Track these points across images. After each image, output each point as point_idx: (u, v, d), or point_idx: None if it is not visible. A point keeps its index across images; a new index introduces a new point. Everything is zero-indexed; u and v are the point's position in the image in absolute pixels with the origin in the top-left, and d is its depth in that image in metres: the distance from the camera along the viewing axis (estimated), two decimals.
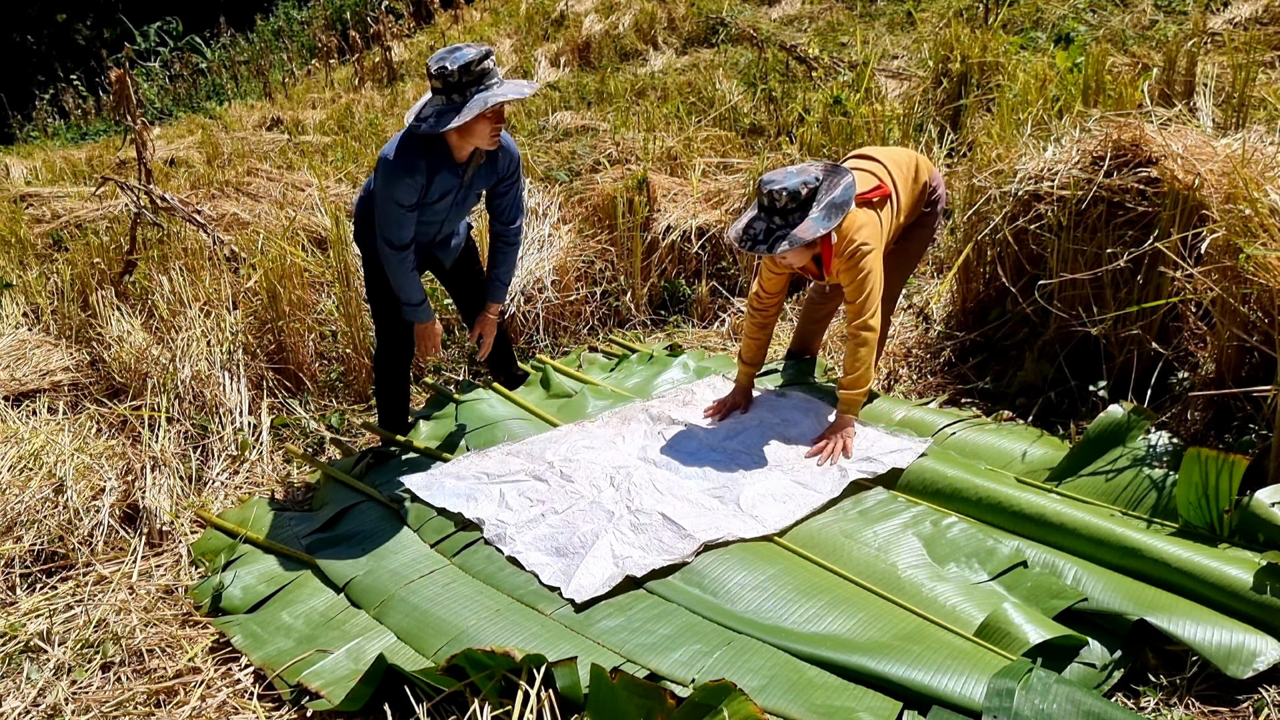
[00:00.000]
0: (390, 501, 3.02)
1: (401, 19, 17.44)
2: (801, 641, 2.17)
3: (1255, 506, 2.34)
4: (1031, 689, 1.90)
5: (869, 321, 2.94)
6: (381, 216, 2.97)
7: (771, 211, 2.85)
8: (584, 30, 11.88)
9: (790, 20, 10.19)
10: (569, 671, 2.04)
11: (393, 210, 2.93)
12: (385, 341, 3.39)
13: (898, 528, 2.60)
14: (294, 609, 2.57)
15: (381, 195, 2.93)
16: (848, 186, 2.88)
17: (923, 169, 3.24)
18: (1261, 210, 2.68)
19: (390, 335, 3.37)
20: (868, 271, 2.91)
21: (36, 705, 2.29)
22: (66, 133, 15.37)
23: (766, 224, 2.86)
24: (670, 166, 5.53)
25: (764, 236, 2.85)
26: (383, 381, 3.47)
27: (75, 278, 4.69)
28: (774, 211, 2.84)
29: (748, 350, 3.32)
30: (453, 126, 2.79)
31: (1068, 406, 3.21)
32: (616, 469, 2.99)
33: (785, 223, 2.83)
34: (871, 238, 2.93)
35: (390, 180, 2.89)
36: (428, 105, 2.89)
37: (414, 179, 2.90)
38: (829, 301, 3.57)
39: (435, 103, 2.86)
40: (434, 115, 2.84)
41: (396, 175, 2.88)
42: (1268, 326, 2.64)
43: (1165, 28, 6.90)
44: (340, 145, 8.20)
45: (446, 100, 2.83)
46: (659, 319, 4.77)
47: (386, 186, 2.90)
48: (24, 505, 2.95)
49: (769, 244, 2.83)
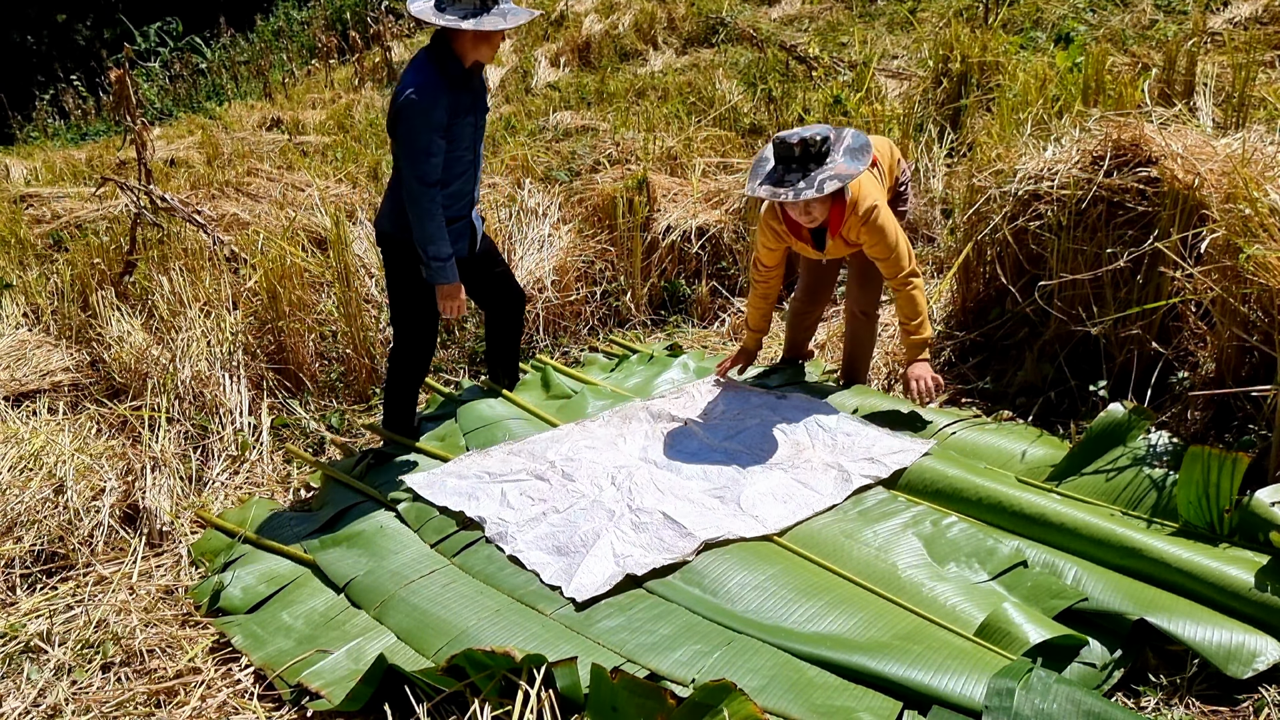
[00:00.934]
0: (390, 501, 3.02)
1: (401, 19, 17.43)
2: (801, 641, 2.17)
3: (1255, 506, 2.34)
4: (1031, 689, 1.89)
5: (909, 272, 3.07)
6: (412, 151, 2.98)
7: (805, 159, 2.89)
8: (584, 30, 11.89)
9: (790, 20, 10.19)
10: (569, 671, 2.04)
11: (425, 138, 2.96)
12: (406, 344, 3.38)
13: (898, 527, 2.60)
14: (294, 609, 2.57)
15: (412, 126, 2.96)
16: (858, 134, 3.00)
17: (895, 155, 3.38)
18: (1261, 210, 2.68)
19: (412, 337, 3.36)
20: (887, 227, 3.03)
21: (37, 705, 2.29)
22: (66, 133, 15.37)
23: (800, 171, 2.90)
24: (670, 166, 5.53)
25: (797, 181, 2.89)
26: (397, 383, 3.45)
27: (75, 278, 4.69)
28: (806, 158, 2.89)
29: (753, 318, 3.49)
30: (504, 27, 2.96)
31: (1068, 406, 3.21)
32: (618, 468, 2.99)
33: (813, 169, 2.89)
34: (878, 197, 3.06)
35: (423, 101, 2.93)
36: (449, 8, 2.96)
37: (440, 96, 2.96)
38: (814, 306, 3.63)
39: (459, 6, 2.95)
40: (463, 14, 2.94)
41: (428, 92, 2.94)
42: (1268, 326, 2.64)
43: (1165, 27, 6.90)
44: (340, 145, 8.21)
45: (473, 5, 2.95)
46: (659, 319, 4.77)
47: (418, 114, 2.94)
48: (24, 505, 2.95)
49: (813, 187, 2.85)
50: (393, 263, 3.26)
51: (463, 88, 3.05)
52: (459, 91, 3.04)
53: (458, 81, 3.04)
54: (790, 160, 2.91)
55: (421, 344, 3.39)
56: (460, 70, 3.04)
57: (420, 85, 2.95)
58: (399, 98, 2.97)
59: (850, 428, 3.11)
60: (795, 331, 3.73)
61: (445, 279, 3.15)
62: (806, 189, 2.86)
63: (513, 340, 3.74)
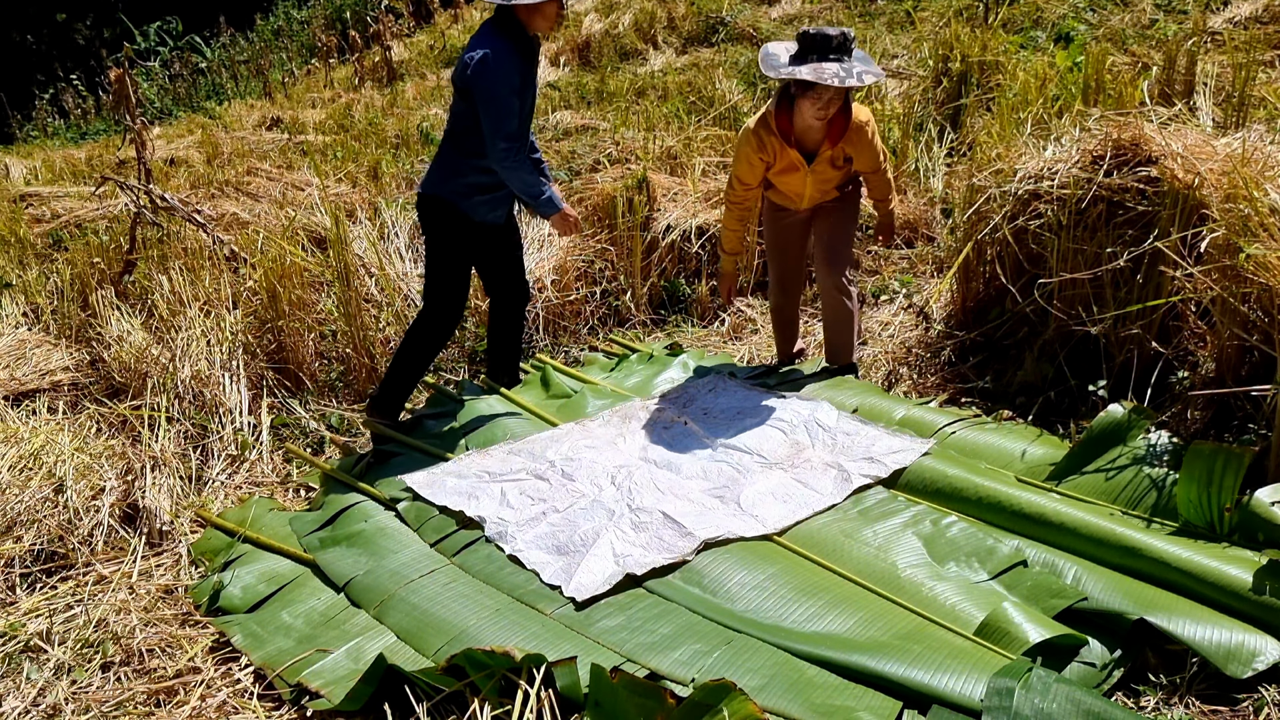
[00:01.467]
0: (390, 501, 3.02)
1: (401, 18, 17.43)
2: (801, 641, 2.17)
3: (1255, 506, 2.34)
4: (1031, 688, 1.89)
5: (893, 190, 3.51)
6: (495, 109, 3.08)
7: (842, 49, 3.05)
8: (584, 29, 11.88)
9: (790, 20, 10.19)
10: (569, 671, 2.04)
11: (505, 100, 3.08)
12: (433, 314, 3.42)
13: (897, 527, 2.60)
14: (294, 608, 2.57)
15: (493, 84, 3.06)
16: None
17: None
18: (1261, 209, 2.68)
19: (441, 308, 3.41)
20: (877, 142, 3.32)
21: (36, 705, 2.29)
22: (66, 132, 15.37)
23: (838, 60, 3.05)
24: (670, 166, 5.53)
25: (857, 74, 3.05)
26: (407, 356, 3.46)
27: (75, 277, 4.69)
28: (843, 49, 3.06)
29: (728, 241, 3.65)
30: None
31: (1068, 406, 3.21)
32: (618, 468, 2.99)
33: (847, 61, 3.06)
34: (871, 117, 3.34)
35: (499, 64, 3.06)
36: None
37: (514, 59, 3.10)
38: (789, 298, 3.75)
39: None
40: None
41: (504, 56, 3.07)
42: (1268, 325, 2.64)
43: (1165, 27, 6.89)
44: (340, 145, 8.20)
45: None
46: (659, 319, 4.76)
47: (497, 74, 3.05)
48: (24, 505, 2.95)
49: (852, 76, 3.02)
50: (434, 228, 3.34)
51: (529, 59, 3.17)
52: (528, 61, 3.17)
53: (526, 51, 3.16)
54: (828, 50, 3.03)
55: (448, 316, 3.43)
56: (526, 40, 3.16)
57: (495, 49, 3.08)
58: (475, 60, 3.06)
59: (850, 427, 3.11)
60: (780, 330, 3.83)
61: (555, 208, 3.30)
62: (856, 76, 3.02)
63: (513, 337, 3.75)
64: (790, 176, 3.37)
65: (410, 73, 13.39)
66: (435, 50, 14.24)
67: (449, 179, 3.28)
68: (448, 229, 3.33)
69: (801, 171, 3.34)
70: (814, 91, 3.07)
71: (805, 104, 3.14)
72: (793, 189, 3.43)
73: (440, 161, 3.34)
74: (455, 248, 3.37)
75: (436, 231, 3.37)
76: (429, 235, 3.41)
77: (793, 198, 3.48)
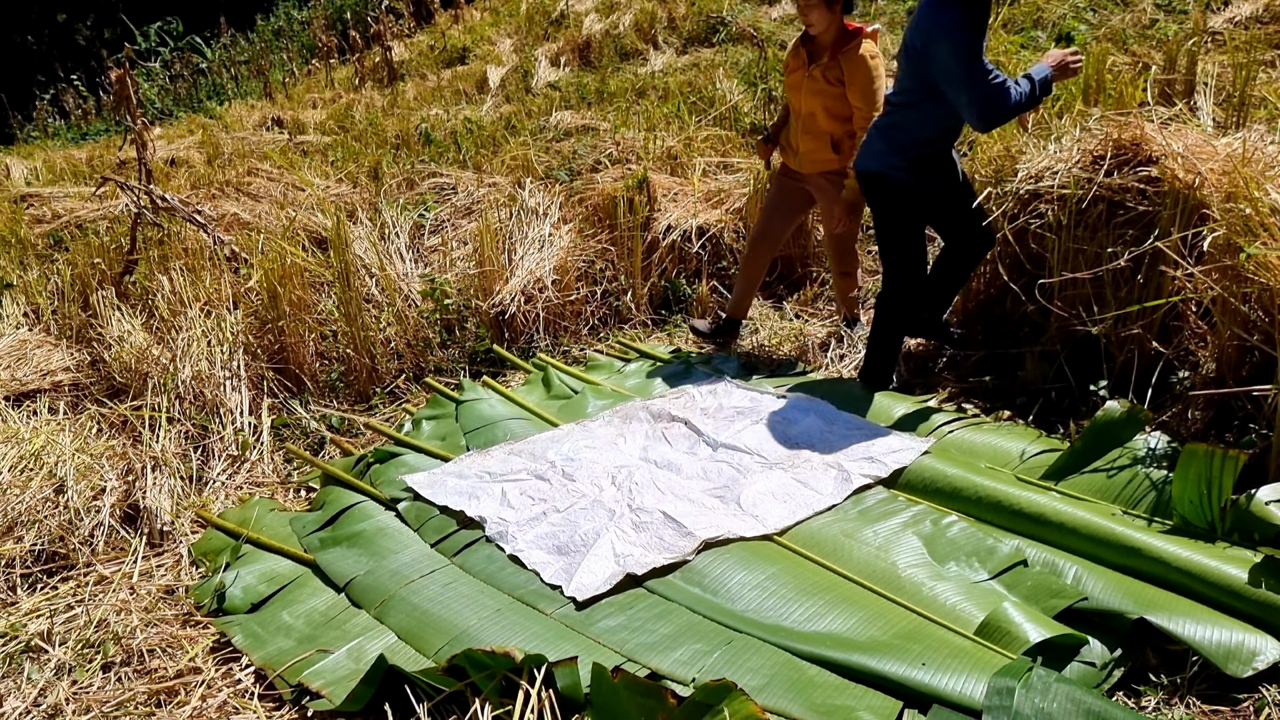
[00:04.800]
0: (390, 501, 3.02)
1: (401, 19, 17.44)
2: (802, 640, 2.17)
3: (1254, 505, 2.34)
4: (1031, 688, 1.89)
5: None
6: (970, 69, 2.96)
7: None
8: (584, 30, 11.89)
9: (791, 19, 10.19)
10: (570, 671, 2.04)
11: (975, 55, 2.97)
12: (897, 287, 3.40)
13: (897, 527, 2.60)
14: (294, 609, 2.57)
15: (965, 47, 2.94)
16: None
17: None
18: (1262, 209, 2.68)
19: (903, 279, 3.39)
20: (877, 75, 3.53)
21: (37, 705, 2.29)
22: (67, 133, 15.38)
23: None
24: (670, 166, 5.53)
25: None
26: (883, 330, 3.47)
27: (76, 278, 4.69)
28: None
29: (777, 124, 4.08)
30: None
31: (1068, 406, 3.21)
32: (618, 468, 2.99)
33: None
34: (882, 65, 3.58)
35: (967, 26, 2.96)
36: None
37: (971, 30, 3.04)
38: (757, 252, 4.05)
39: None
40: None
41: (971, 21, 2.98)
42: (1268, 325, 2.64)
43: (1165, 27, 6.89)
44: (341, 145, 8.21)
45: None
46: (659, 319, 4.76)
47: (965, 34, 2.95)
48: (25, 505, 2.95)
49: None
50: (881, 205, 3.33)
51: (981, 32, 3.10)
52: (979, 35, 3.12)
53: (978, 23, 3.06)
54: None
55: (912, 285, 3.40)
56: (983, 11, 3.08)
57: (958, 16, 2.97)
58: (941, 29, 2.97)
59: (850, 427, 3.11)
60: (739, 282, 4.16)
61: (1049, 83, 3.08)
62: None
63: (960, 275, 3.57)
64: (794, 77, 3.73)
65: (410, 73, 13.39)
66: (435, 50, 14.25)
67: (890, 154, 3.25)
68: (893, 206, 3.31)
69: (801, 74, 3.69)
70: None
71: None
72: (794, 103, 3.77)
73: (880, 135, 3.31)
74: (904, 223, 3.33)
75: (881, 209, 3.36)
76: (875, 214, 3.40)
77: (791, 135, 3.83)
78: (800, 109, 3.74)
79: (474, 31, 14.51)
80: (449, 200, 5.86)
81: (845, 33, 3.60)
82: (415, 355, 4.33)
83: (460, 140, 7.49)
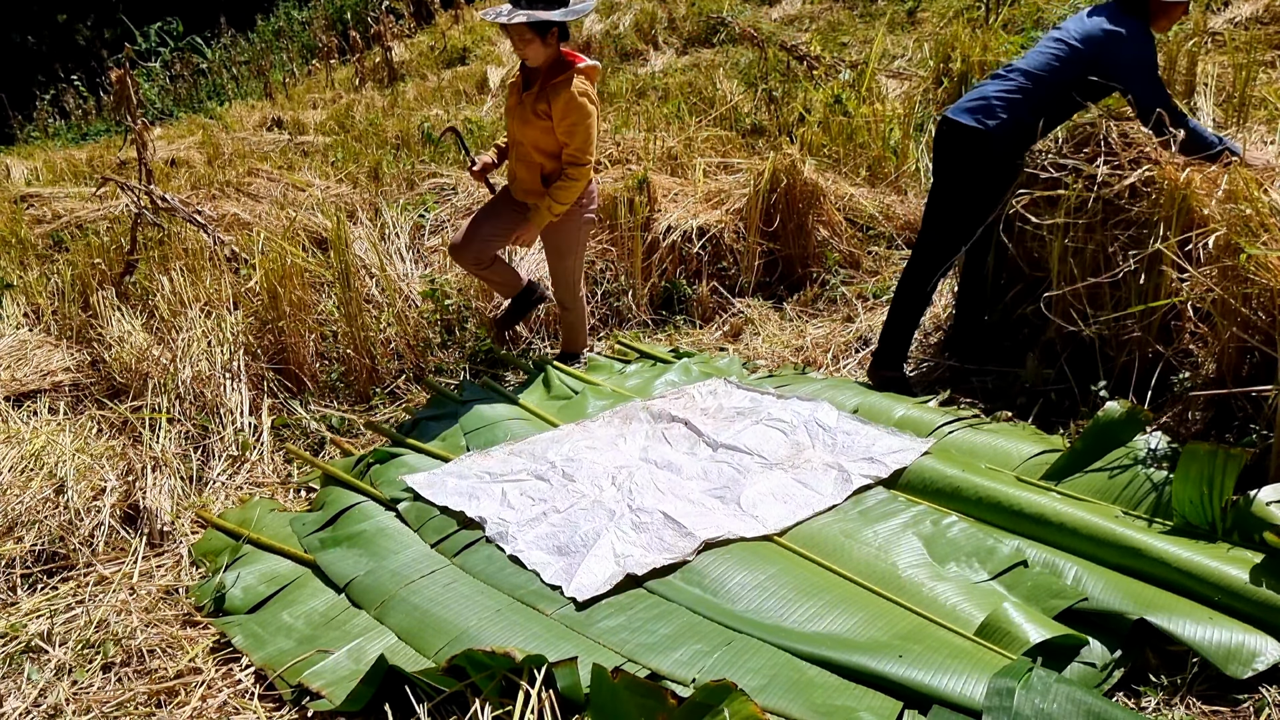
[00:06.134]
0: (390, 501, 3.02)
1: (402, 19, 17.44)
2: (802, 641, 2.17)
3: (1255, 506, 2.34)
4: (1032, 688, 1.89)
5: (582, 162, 3.55)
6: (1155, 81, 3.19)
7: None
8: (584, 30, 11.89)
9: (791, 20, 10.20)
10: (570, 671, 2.04)
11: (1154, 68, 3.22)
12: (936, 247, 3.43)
13: (898, 527, 2.60)
14: (294, 609, 2.57)
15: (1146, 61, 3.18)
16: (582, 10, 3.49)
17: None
18: (1262, 210, 2.68)
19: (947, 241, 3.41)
20: (588, 118, 3.50)
21: (37, 705, 2.29)
22: (67, 133, 15.38)
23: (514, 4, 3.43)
24: (671, 166, 5.53)
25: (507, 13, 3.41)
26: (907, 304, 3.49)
27: (76, 278, 4.69)
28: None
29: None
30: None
31: (1068, 406, 3.21)
32: (618, 469, 2.99)
33: (524, 4, 3.39)
34: (594, 104, 3.54)
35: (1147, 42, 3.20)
36: None
37: None
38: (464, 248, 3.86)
39: None
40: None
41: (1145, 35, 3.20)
42: (1268, 326, 2.64)
43: None
44: (341, 145, 8.21)
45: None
46: (659, 319, 4.76)
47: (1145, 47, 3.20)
48: (25, 506, 2.95)
49: (504, 16, 3.38)
50: (964, 162, 3.34)
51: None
52: None
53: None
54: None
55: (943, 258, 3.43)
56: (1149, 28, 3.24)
57: (1135, 30, 3.16)
58: (1123, 39, 3.14)
59: (850, 427, 3.11)
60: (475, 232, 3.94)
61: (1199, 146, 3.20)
62: (505, 15, 3.39)
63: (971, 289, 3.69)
64: (510, 102, 3.70)
65: (411, 73, 13.40)
66: (436, 51, 14.25)
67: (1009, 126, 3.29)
68: (978, 164, 3.34)
69: (514, 101, 3.66)
70: None
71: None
72: (510, 130, 3.74)
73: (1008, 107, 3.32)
74: (980, 189, 3.37)
75: (963, 166, 3.39)
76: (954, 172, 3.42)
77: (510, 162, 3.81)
78: (514, 137, 3.70)
79: (474, 32, 14.52)
80: (449, 200, 5.86)
81: (559, 63, 3.53)
82: (415, 356, 4.33)
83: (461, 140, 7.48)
